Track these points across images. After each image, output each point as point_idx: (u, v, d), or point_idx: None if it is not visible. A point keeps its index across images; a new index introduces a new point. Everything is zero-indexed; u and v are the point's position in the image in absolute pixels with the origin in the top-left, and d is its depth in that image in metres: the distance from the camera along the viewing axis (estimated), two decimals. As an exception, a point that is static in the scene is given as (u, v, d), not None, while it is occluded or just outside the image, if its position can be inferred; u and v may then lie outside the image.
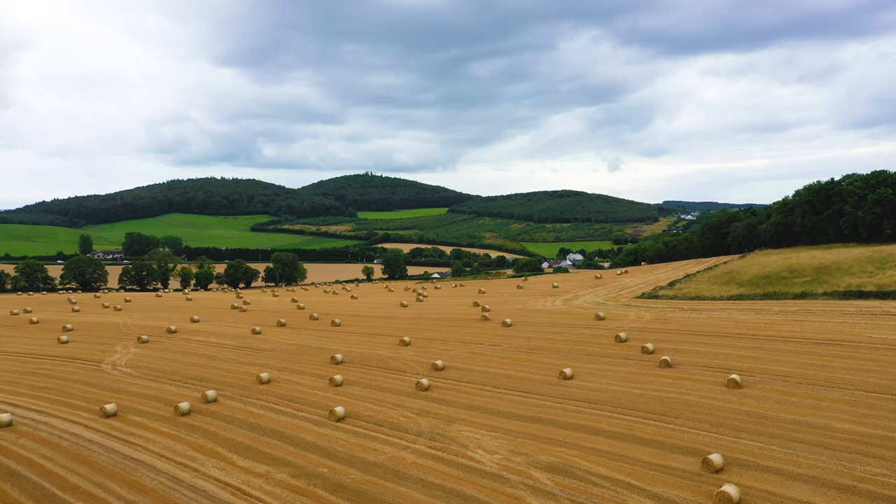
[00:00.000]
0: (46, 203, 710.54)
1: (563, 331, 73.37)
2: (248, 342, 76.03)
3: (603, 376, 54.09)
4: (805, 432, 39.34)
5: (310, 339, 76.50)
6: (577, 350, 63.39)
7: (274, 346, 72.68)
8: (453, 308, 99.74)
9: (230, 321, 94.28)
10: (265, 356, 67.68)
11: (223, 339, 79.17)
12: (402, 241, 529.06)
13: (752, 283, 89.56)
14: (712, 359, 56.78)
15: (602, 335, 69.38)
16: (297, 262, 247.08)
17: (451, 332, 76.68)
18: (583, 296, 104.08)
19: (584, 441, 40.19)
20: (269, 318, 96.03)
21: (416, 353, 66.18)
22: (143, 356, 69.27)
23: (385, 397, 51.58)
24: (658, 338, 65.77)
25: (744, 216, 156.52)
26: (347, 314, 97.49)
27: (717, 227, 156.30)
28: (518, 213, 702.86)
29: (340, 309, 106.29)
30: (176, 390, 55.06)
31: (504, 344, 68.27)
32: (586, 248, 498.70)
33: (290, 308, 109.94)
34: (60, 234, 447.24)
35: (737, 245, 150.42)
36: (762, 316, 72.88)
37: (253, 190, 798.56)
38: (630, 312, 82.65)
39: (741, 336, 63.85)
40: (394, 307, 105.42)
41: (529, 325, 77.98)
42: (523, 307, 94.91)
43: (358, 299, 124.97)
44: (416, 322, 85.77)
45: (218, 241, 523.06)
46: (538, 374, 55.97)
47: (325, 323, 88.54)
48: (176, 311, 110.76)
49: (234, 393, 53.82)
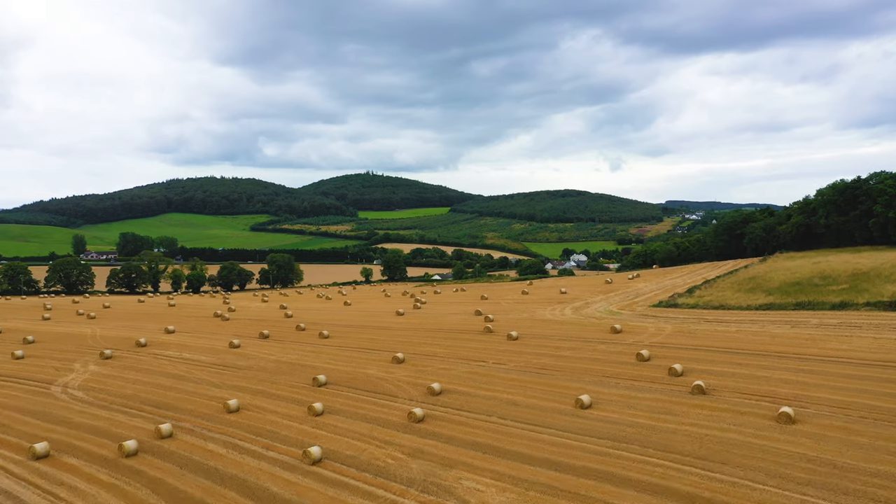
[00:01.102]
0: (44, 202, 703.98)
1: (575, 346, 65.50)
2: (224, 358, 68.23)
3: (627, 405, 46.26)
4: (890, 488, 31.51)
5: (293, 355, 68.70)
6: (594, 371, 55.54)
7: (251, 364, 64.89)
8: (453, 317, 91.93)
9: (209, 332, 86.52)
10: (239, 376, 59.89)
11: (197, 353, 71.37)
12: (402, 241, 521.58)
13: (781, 291, 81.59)
14: (752, 383, 48.90)
15: (621, 352, 61.51)
16: (292, 263, 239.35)
17: (450, 347, 68.88)
18: (594, 303, 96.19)
19: (613, 497, 32.39)
20: (253, 328, 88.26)
21: (411, 373, 58.42)
22: (102, 376, 61.48)
23: (372, 431, 43.79)
24: (685, 356, 57.90)
25: (760, 216, 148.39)
26: (338, 324, 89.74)
27: (732, 228, 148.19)
28: (520, 212, 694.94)
29: (331, 317, 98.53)
30: (128, 421, 47.25)
31: (510, 362, 60.46)
32: (590, 248, 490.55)
33: (277, 316, 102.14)
34: (55, 234, 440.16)
35: (753, 247, 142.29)
36: (800, 330, 64.92)
37: (253, 189, 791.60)
38: (648, 324, 74.75)
39: (781, 355, 55.89)
40: (389, 315, 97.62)
41: (538, 339, 70.12)
42: (530, 317, 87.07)
43: (351, 306, 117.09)
44: (412, 334, 77.98)
45: (216, 241, 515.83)
46: (551, 401, 48.15)
47: (312, 335, 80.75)
48: (154, 319, 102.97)
49: (196, 424, 46.02)
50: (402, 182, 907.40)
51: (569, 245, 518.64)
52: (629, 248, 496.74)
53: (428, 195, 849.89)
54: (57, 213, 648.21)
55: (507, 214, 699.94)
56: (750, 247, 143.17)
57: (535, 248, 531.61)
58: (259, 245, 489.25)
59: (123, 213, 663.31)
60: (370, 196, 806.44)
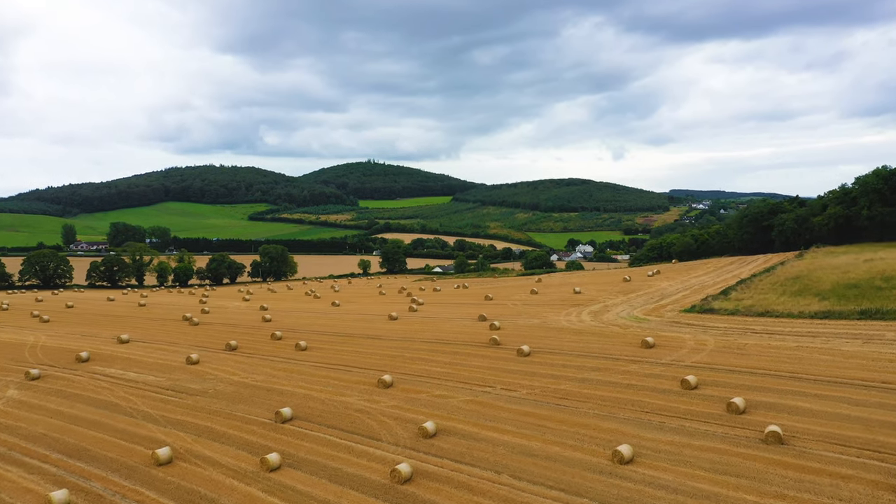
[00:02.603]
0: (40, 191, 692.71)
1: (601, 366, 53.84)
2: (176, 379, 56.75)
3: (680, 459, 34.72)
4: None
5: (259, 375, 57.19)
6: (630, 402, 43.92)
7: (207, 387, 53.40)
8: (454, 323, 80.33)
9: (169, 341, 74.97)
10: (187, 406, 48.41)
11: (145, 372, 59.89)
12: (403, 230, 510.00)
13: (836, 295, 69.75)
14: (843, 428, 37.22)
15: (659, 375, 49.85)
16: (286, 255, 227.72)
17: (449, 365, 57.29)
18: (614, 306, 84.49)
19: None
20: (222, 336, 76.76)
21: (400, 402, 46.94)
22: (18, 405, 50.03)
23: (341, 498, 32.35)
24: (742, 383, 46.23)
25: (790, 206, 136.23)
26: (321, 331, 78.22)
27: (759, 220, 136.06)
28: (524, 201, 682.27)
29: (314, 322, 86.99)
30: (18, 481, 35.81)
31: (522, 388, 48.89)
32: (596, 238, 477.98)
33: (253, 320, 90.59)
34: (46, 224, 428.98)
35: (783, 240, 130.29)
36: (877, 347, 53.13)
37: (252, 178, 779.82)
38: (684, 334, 63.03)
39: (867, 385, 44.14)
40: (381, 320, 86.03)
41: (554, 355, 58.48)
42: (541, 323, 75.39)
43: (340, 307, 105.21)
44: (404, 346, 66.38)
45: (213, 230, 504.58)
46: (578, 450, 36.69)
47: (288, 346, 69.20)
48: (113, 323, 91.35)
49: (105, 487, 34.59)
50: (404, 171, 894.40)
51: (574, 235, 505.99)
52: (636, 238, 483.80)
53: (430, 184, 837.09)
54: (52, 202, 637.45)
55: (511, 204, 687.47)
56: (779, 240, 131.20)
57: (539, 238, 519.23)
58: (256, 235, 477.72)
59: (120, 201, 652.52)
60: (371, 185, 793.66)
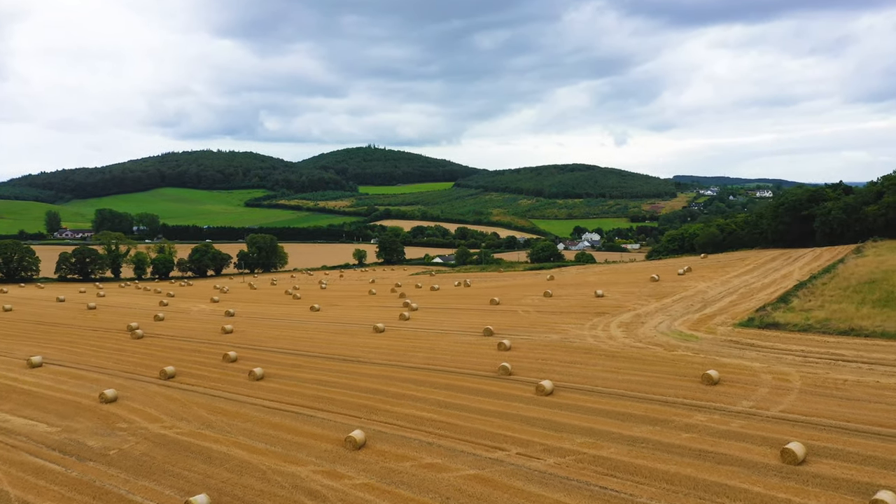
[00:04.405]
0: (32, 176, 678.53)
1: (654, 414, 38.94)
2: (74, 430, 42.16)
3: None
4: None
5: (189, 421, 42.55)
6: (710, 488, 29.05)
7: (111, 444, 38.80)
8: (453, 339, 65.54)
9: (95, 364, 60.22)
10: (67, 484, 33.79)
11: (39, 416, 45.23)
12: (404, 217, 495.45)
13: (939, 308, 54.88)
14: None
15: (740, 435, 34.96)
16: (275, 245, 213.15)
17: (445, 408, 42.56)
18: (648, 316, 69.64)
19: None
20: (163, 356, 62.16)
21: (373, 480, 32.26)
22: None
23: None
24: (870, 453, 31.42)
25: (833, 194, 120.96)
26: (288, 349, 63.57)
27: (797, 208, 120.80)
28: (527, 187, 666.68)
29: (283, 335, 72.29)
30: None
31: (547, 452, 34.17)
32: (602, 226, 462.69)
33: (211, 330, 75.82)
34: (34, 210, 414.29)
35: (827, 232, 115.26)
36: None
37: (249, 163, 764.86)
38: (754, 363, 48.15)
39: None
40: (364, 332, 71.23)
41: (585, 395, 43.74)
42: (562, 341, 60.60)
43: (320, 312, 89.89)
44: (388, 376, 51.57)
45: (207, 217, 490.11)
46: None
47: (241, 371, 54.50)
48: (44, 334, 76.51)
49: None
50: (405, 156, 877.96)
51: (579, 222, 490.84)
52: (644, 226, 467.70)
53: (431, 169, 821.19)
54: (44, 188, 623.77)
55: (514, 190, 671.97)
56: (822, 231, 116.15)
57: (543, 225, 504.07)
58: (252, 222, 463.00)
59: (114, 187, 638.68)
60: (371, 170, 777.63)
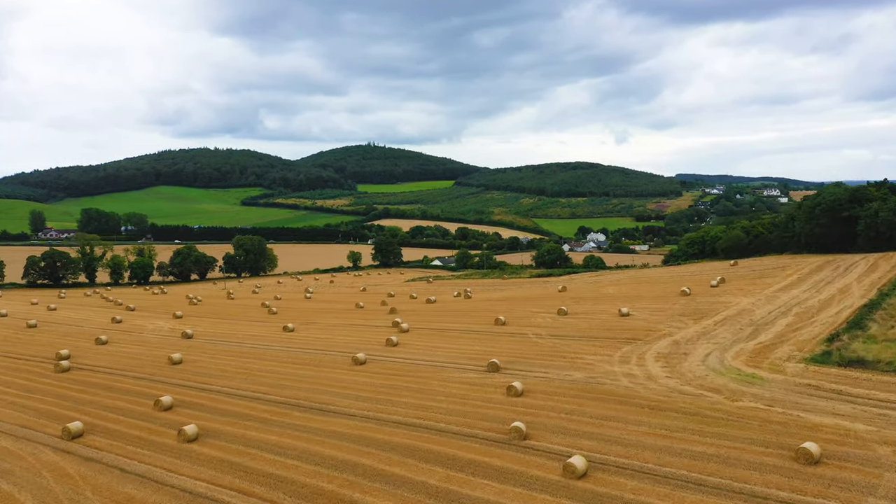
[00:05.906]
0: (25, 174, 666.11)
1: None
2: None
3: None
4: None
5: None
6: None
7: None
8: (450, 375, 52.78)
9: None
10: None
11: None
12: (403, 216, 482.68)
13: None
14: None
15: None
16: (264, 247, 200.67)
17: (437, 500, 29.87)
18: (688, 343, 56.95)
19: None
20: (75, 404, 49.37)
21: None
22: None
23: None
24: None
25: (878, 193, 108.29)
26: (240, 393, 50.77)
27: (837, 209, 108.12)
28: (529, 186, 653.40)
29: (242, 368, 59.34)
30: None
31: None
32: (607, 225, 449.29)
33: (156, 361, 62.52)
34: (20, 209, 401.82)
35: (872, 236, 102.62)
36: None
37: (246, 161, 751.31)
38: (856, 424, 35.39)
39: None
40: (342, 364, 58.33)
41: (631, 478, 30.96)
42: (588, 381, 47.80)
43: (294, 333, 76.17)
44: (364, 440, 38.48)
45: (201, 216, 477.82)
46: None
47: (171, 428, 41.61)
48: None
49: None
50: (405, 154, 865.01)
51: (583, 222, 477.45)
52: (650, 225, 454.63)
53: (431, 167, 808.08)
54: (37, 186, 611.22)
55: (515, 188, 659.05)
56: (866, 235, 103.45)
57: (546, 224, 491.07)
58: (247, 221, 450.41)
59: (107, 186, 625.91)
60: (371, 168, 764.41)
